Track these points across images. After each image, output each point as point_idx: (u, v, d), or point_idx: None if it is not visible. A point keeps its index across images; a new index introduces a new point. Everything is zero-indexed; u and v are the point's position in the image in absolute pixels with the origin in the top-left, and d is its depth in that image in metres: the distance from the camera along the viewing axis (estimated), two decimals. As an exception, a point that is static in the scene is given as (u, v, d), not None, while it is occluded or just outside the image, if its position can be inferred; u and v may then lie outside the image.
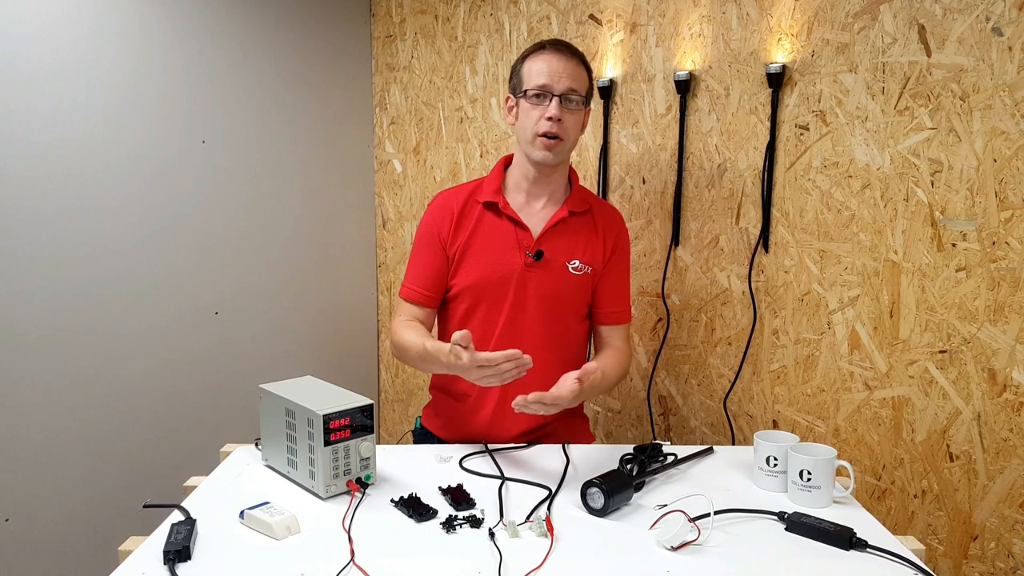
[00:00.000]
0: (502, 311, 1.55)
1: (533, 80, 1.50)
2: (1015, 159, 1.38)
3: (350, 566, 1.02)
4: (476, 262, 1.56)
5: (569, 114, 1.50)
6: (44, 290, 1.74)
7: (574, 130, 1.53)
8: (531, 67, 1.51)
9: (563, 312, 1.59)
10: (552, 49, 1.52)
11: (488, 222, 1.57)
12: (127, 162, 1.89)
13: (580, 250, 1.58)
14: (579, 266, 1.57)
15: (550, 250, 1.56)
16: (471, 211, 1.58)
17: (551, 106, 1.48)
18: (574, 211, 1.58)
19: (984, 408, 1.45)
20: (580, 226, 1.59)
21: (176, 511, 1.17)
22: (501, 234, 1.56)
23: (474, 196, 1.59)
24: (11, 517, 1.71)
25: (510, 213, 1.56)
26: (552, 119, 1.48)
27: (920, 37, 1.48)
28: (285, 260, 2.37)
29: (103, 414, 1.88)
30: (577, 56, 1.53)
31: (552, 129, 1.48)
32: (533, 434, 1.58)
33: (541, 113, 1.49)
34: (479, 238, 1.57)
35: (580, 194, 1.62)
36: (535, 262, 1.55)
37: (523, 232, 1.56)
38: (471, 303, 1.58)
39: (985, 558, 1.47)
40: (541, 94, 1.49)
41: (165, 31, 1.96)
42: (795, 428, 1.75)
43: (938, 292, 1.50)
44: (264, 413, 1.34)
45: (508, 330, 1.55)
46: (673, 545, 1.07)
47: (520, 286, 1.55)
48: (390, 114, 2.63)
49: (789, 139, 1.70)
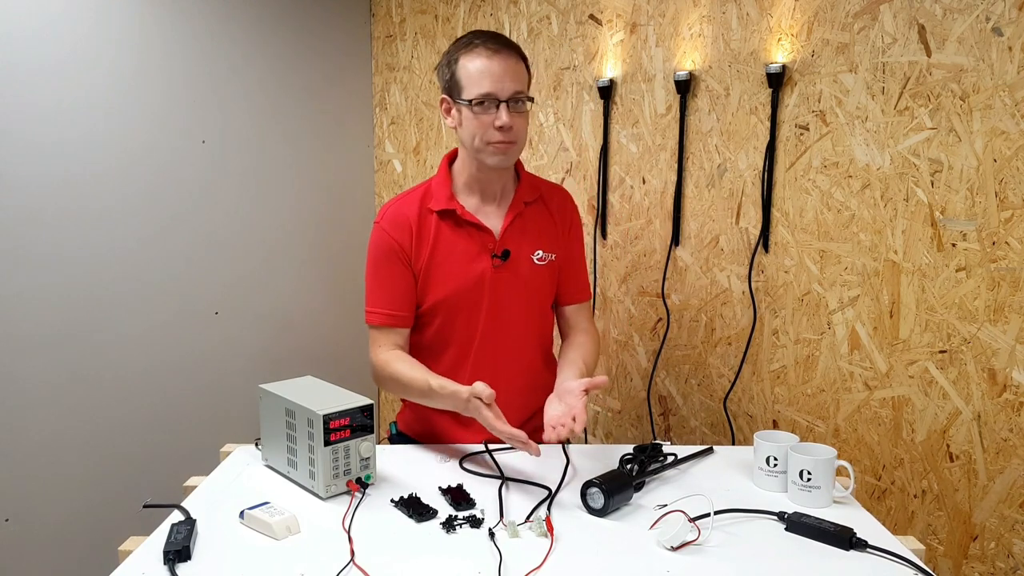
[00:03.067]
0: (479, 316, 1.52)
1: (474, 87, 1.40)
2: (1015, 159, 1.38)
3: (350, 566, 1.02)
4: (445, 275, 1.50)
5: (518, 116, 1.42)
6: (44, 290, 1.74)
7: (524, 131, 1.47)
8: (468, 69, 1.40)
9: (538, 305, 1.58)
10: (486, 47, 1.40)
11: (448, 232, 1.50)
12: (127, 162, 1.89)
13: (542, 240, 1.55)
14: (543, 256, 1.55)
15: (514, 247, 1.52)
16: (427, 222, 1.50)
17: (501, 114, 1.39)
18: (527, 201, 1.54)
19: (984, 408, 1.45)
20: (535, 215, 1.56)
21: (176, 511, 1.17)
22: (464, 242, 1.50)
23: (426, 204, 1.50)
24: (11, 517, 1.71)
25: (469, 218, 1.49)
26: (504, 128, 1.40)
27: (920, 37, 1.48)
28: (285, 260, 2.37)
29: (103, 414, 1.88)
30: (515, 51, 1.44)
31: (505, 138, 1.42)
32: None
33: (490, 121, 1.40)
34: (442, 250, 1.49)
35: (528, 182, 1.57)
36: (503, 262, 1.51)
37: (486, 235, 1.51)
38: (447, 315, 1.52)
39: (985, 558, 1.47)
40: (485, 102, 1.40)
41: (165, 31, 1.96)
42: (795, 428, 1.75)
43: (938, 292, 1.50)
44: (264, 413, 1.34)
45: (489, 334, 1.53)
46: (673, 545, 1.07)
47: (493, 288, 1.51)
48: (390, 114, 2.62)
49: (789, 139, 1.70)
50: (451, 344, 1.54)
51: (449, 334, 1.54)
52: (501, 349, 1.54)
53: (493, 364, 1.54)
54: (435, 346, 1.55)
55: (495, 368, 1.53)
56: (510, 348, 1.55)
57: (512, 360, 1.56)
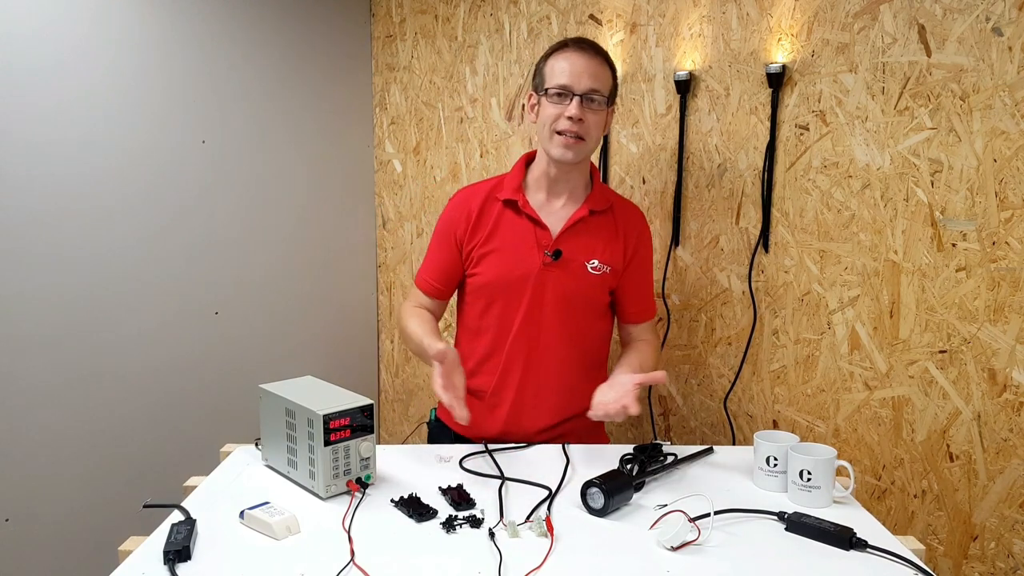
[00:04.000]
0: (519, 309, 1.55)
1: (555, 79, 1.49)
2: (1015, 159, 1.38)
3: (350, 566, 1.02)
4: (495, 260, 1.56)
5: (591, 113, 1.49)
6: (44, 290, 1.74)
7: (596, 129, 1.51)
8: (554, 65, 1.50)
9: (581, 311, 1.58)
10: (575, 48, 1.50)
11: (508, 220, 1.57)
12: (127, 162, 1.89)
13: (600, 250, 1.57)
14: (598, 266, 1.56)
15: (569, 249, 1.55)
16: (491, 209, 1.58)
17: (571, 105, 1.47)
18: (594, 210, 1.57)
19: (984, 408, 1.45)
20: (600, 225, 1.58)
21: (176, 511, 1.17)
22: (520, 233, 1.56)
23: (494, 193, 1.59)
24: (11, 517, 1.71)
25: (529, 212, 1.55)
26: (572, 118, 1.47)
27: (920, 37, 1.48)
28: (285, 260, 2.37)
29: (103, 414, 1.88)
30: (601, 55, 1.52)
31: (572, 128, 1.47)
32: (551, 432, 1.58)
33: (561, 111, 1.48)
34: (498, 236, 1.57)
35: (601, 192, 1.61)
36: (553, 261, 1.54)
37: (542, 231, 1.55)
38: (488, 300, 1.58)
39: (985, 558, 1.47)
40: (562, 93, 1.48)
41: (165, 31, 1.96)
42: (795, 428, 1.75)
43: (938, 292, 1.50)
44: (264, 413, 1.34)
45: (525, 328, 1.55)
46: (673, 545, 1.07)
47: (538, 285, 1.54)
48: (390, 114, 2.62)
49: (789, 139, 1.70)
50: (489, 329, 1.59)
51: (489, 319, 1.58)
52: (536, 345, 1.57)
53: (526, 358, 1.57)
54: (477, 328, 1.61)
55: (527, 363, 1.57)
56: (546, 346, 1.57)
57: (546, 359, 1.57)
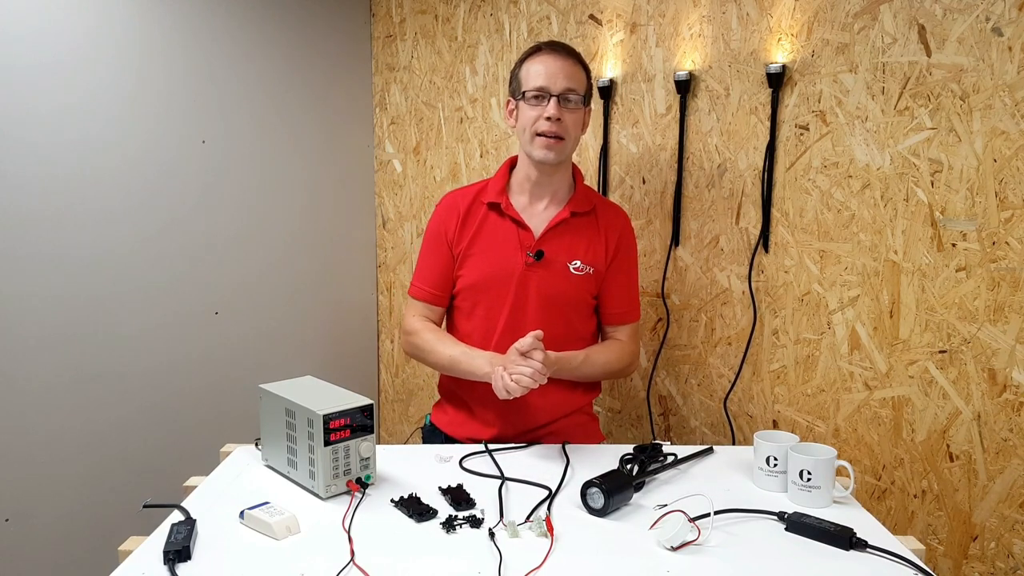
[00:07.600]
0: (503, 310, 1.57)
1: (531, 82, 1.52)
2: (1015, 159, 1.38)
3: (350, 566, 1.02)
4: (478, 261, 1.59)
5: (568, 113, 1.52)
6: (44, 290, 1.74)
7: (574, 128, 1.54)
8: (529, 69, 1.54)
9: (564, 312, 1.59)
10: (548, 50, 1.54)
11: (491, 222, 1.60)
12: (127, 162, 1.89)
13: (582, 251, 1.59)
14: (580, 266, 1.59)
15: (551, 250, 1.57)
16: (476, 211, 1.61)
17: (550, 106, 1.50)
18: (576, 211, 1.59)
19: (984, 408, 1.45)
20: (583, 226, 1.60)
21: (176, 511, 1.17)
22: (503, 234, 1.58)
23: (480, 197, 1.62)
24: (11, 517, 1.71)
25: (512, 214, 1.58)
26: (551, 119, 1.49)
27: (920, 37, 1.48)
28: (285, 260, 2.37)
29: (103, 414, 1.88)
30: (573, 56, 1.55)
31: (551, 128, 1.50)
32: (543, 430, 1.59)
33: (539, 113, 1.51)
34: (482, 238, 1.60)
35: (584, 194, 1.63)
36: (536, 262, 1.56)
37: (525, 232, 1.58)
38: (473, 301, 1.60)
39: (985, 558, 1.47)
40: (539, 95, 1.51)
41: (165, 31, 1.96)
42: (795, 428, 1.75)
43: (938, 292, 1.50)
44: (264, 413, 1.34)
45: (509, 329, 1.56)
46: (673, 545, 1.07)
47: (521, 286, 1.56)
48: (390, 114, 2.63)
49: (789, 139, 1.70)
50: (475, 331, 1.61)
51: (475, 320, 1.60)
52: None
53: None
54: (463, 330, 1.63)
55: None
56: None
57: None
